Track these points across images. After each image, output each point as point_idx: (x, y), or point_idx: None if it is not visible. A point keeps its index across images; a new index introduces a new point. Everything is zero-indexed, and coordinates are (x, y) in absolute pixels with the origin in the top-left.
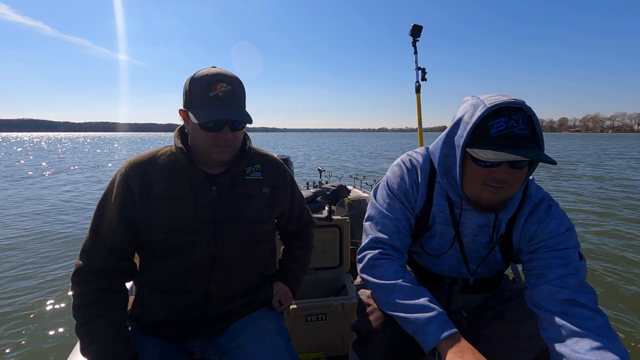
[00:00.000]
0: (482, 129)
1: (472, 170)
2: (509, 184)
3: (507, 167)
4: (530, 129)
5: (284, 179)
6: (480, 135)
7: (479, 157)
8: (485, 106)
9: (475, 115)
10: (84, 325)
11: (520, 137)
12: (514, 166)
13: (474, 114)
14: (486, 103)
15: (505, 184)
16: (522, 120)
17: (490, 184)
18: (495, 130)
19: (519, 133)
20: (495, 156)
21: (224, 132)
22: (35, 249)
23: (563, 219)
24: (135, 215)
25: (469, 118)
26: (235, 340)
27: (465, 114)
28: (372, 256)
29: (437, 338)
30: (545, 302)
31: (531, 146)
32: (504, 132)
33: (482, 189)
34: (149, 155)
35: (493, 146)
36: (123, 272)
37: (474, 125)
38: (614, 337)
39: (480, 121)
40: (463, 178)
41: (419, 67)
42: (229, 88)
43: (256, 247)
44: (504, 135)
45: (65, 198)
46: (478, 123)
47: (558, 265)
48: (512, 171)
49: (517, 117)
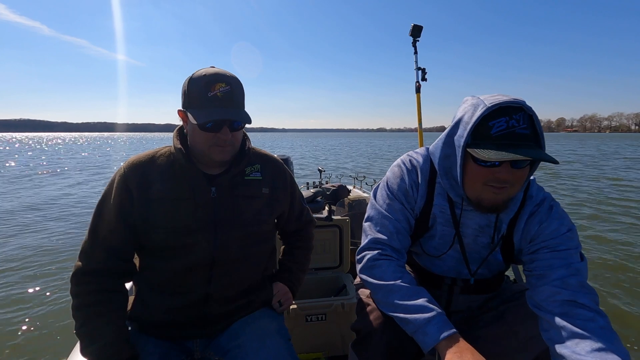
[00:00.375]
0: (483, 128)
1: (473, 171)
2: (511, 184)
3: (509, 167)
4: (531, 128)
5: (283, 179)
6: (480, 135)
7: (480, 157)
8: (486, 106)
9: (475, 115)
10: (83, 325)
11: (521, 136)
12: (516, 166)
13: (474, 113)
14: (486, 103)
15: (507, 184)
16: (523, 120)
17: (491, 184)
18: (496, 130)
19: (519, 132)
20: (497, 156)
21: (223, 132)
22: (35, 249)
23: (564, 219)
24: (134, 216)
25: (469, 118)
26: (235, 341)
27: (465, 114)
28: (371, 257)
29: (436, 338)
30: (546, 303)
31: (532, 145)
32: (505, 132)
33: (483, 189)
34: (147, 156)
35: (494, 146)
36: (122, 272)
37: (474, 125)
38: (615, 338)
39: (480, 121)
40: (464, 178)
41: (419, 67)
42: (228, 88)
43: (256, 247)
44: (505, 134)
45: (66, 198)
46: (478, 123)
47: (559, 266)
48: (514, 171)
49: (517, 116)
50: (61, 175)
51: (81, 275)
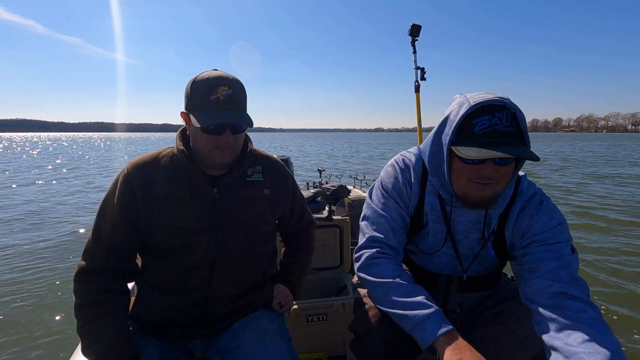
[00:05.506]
0: (467, 126)
1: (459, 168)
2: (496, 180)
3: (492, 164)
4: (515, 126)
5: (284, 180)
6: (464, 133)
7: (462, 155)
8: (470, 104)
9: (459, 114)
10: (85, 325)
11: (504, 134)
12: (499, 163)
13: (459, 112)
14: (470, 101)
15: (492, 181)
16: (506, 118)
17: (476, 181)
18: (479, 128)
19: (502, 130)
20: (478, 153)
21: (225, 135)
22: (38, 249)
23: (554, 213)
24: (137, 217)
25: (454, 116)
26: (236, 341)
27: (451, 112)
28: (369, 255)
29: (435, 335)
30: (538, 295)
31: (516, 143)
32: (488, 130)
33: (468, 186)
34: (151, 157)
35: (477, 144)
36: (125, 272)
37: (458, 123)
38: (606, 329)
39: (464, 119)
40: (451, 175)
41: (418, 67)
42: (230, 92)
43: (257, 248)
44: (488, 132)
45: (68, 198)
46: (462, 121)
47: (550, 258)
48: (498, 168)
49: (500, 114)
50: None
51: (84, 274)
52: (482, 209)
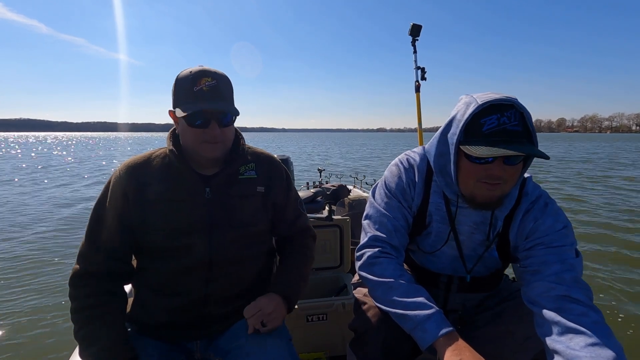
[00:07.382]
0: (475, 126)
1: (467, 168)
2: (504, 180)
3: (501, 163)
4: (523, 125)
5: (279, 175)
6: (472, 132)
7: (472, 154)
8: (477, 103)
9: (467, 113)
10: (82, 328)
11: (513, 133)
12: (508, 162)
13: (466, 111)
14: (478, 100)
15: (500, 181)
16: (514, 117)
17: (484, 181)
18: (487, 127)
19: (511, 129)
20: (488, 152)
21: (211, 127)
22: (33, 252)
23: (559, 216)
24: (131, 218)
25: (461, 116)
26: (236, 341)
27: (458, 112)
28: (371, 254)
29: (435, 335)
30: (540, 298)
31: (524, 142)
32: (496, 129)
33: (476, 186)
34: (143, 158)
35: (485, 143)
36: (120, 274)
37: (466, 122)
38: (609, 333)
39: (472, 118)
40: (458, 176)
41: (418, 67)
42: (214, 82)
43: (253, 248)
44: (496, 131)
45: (65, 201)
46: (470, 120)
47: (553, 261)
48: (506, 167)
49: (508, 113)
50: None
51: (79, 278)
52: (489, 209)
